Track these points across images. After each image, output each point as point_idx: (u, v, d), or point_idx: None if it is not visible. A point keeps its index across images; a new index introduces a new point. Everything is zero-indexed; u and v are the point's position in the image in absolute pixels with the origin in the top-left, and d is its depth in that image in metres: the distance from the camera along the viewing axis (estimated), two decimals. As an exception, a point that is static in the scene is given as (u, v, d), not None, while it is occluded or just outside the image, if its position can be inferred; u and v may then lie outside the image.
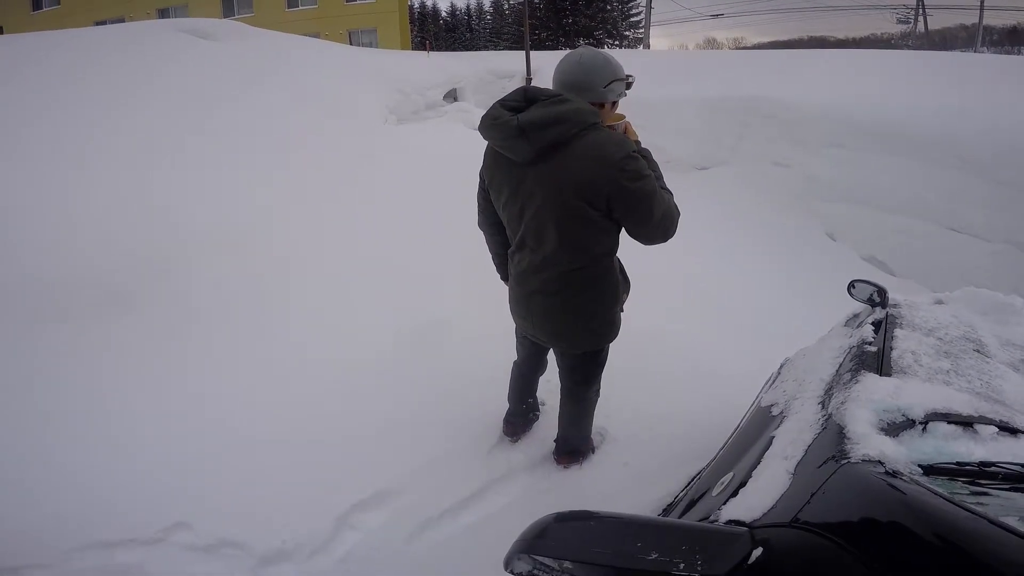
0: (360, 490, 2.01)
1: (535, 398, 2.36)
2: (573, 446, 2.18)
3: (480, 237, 2.01)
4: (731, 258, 4.34)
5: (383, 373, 2.55)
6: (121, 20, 19.36)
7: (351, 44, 18.15)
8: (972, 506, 0.72)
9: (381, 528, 1.93)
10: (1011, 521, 0.68)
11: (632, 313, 1.94)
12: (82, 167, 3.39)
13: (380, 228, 3.70)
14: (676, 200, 1.66)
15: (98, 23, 18.63)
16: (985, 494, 0.87)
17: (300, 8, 22.85)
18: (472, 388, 2.48)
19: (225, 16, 20.60)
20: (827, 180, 5.22)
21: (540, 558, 0.72)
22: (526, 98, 1.57)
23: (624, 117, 1.72)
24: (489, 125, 1.57)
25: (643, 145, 1.72)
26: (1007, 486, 0.89)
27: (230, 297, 2.89)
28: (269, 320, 2.81)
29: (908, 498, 0.76)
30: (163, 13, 22.03)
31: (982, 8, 22.24)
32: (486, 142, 1.68)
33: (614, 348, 1.94)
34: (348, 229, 3.64)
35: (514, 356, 2.20)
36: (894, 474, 0.85)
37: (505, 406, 2.30)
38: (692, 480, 1.71)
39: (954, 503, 0.72)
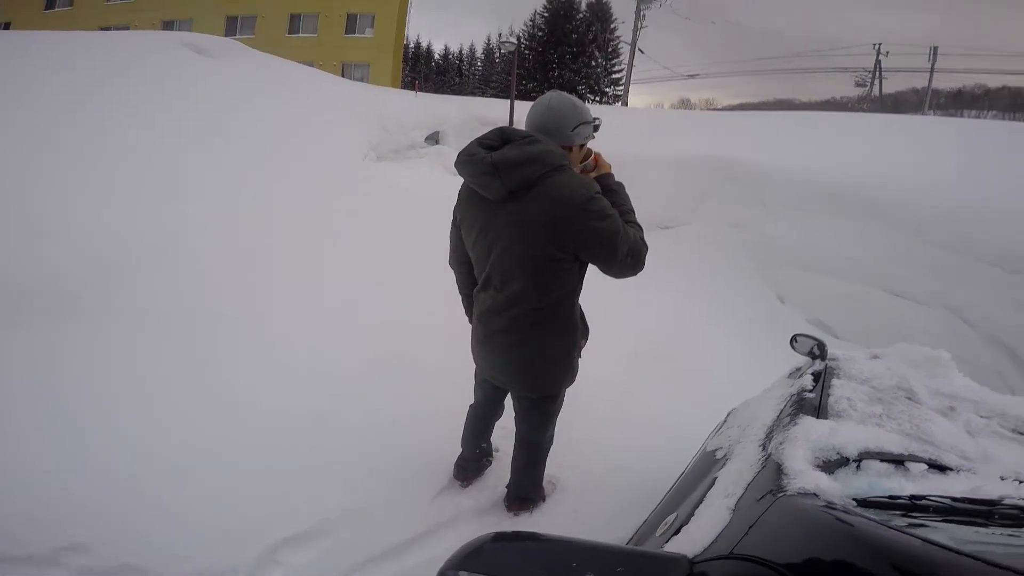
0: (292, 525, 1.90)
1: (489, 443, 2.31)
2: (524, 493, 2.13)
3: (443, 278, 2.00)
4: (686, 316, 4.44)
5: (336, 407, 2.47)
6: (127, 28, 19.34)
7: (343, 76, 18.27)
8: (906, 529, 0.73)
9: (309, 566, 1.82)
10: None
11: (588, 363, 1.95)
12: (46, 171, 3.27)
13: (344, 266, 3.67)
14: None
15: (104, 28, 18.56)
16: (917, 524, 0.89)
17: (300, 35, 23.66)
18: (426, 428, 2.43)
19: (227, 34, 20.87)
20: (779, 243, 5.39)
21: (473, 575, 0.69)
22: (502, 137, 1.62)
23: (592, 152, 1.78)
24: (464, 161, 1.60)
25: (616, 179, 1.78)
26: (939, 518, 0.91)
27: (182, 318, 2.77)
28: (218, 345, 2.70)
29: (841, 525, 0.77)
30: (168, 25, 22.33)
31: (932, 73, 24.71)
32: (462, 180, 1.70)
33: (569, 398, 1.94)
34: (311, 265, 3.60)
35: (471, 399, 2.17)
36: (829, 505, 0.87)
37: (458, 449, 2.25)
38: (640, 527, 1.68)
39: (887, 527, 0.74)
